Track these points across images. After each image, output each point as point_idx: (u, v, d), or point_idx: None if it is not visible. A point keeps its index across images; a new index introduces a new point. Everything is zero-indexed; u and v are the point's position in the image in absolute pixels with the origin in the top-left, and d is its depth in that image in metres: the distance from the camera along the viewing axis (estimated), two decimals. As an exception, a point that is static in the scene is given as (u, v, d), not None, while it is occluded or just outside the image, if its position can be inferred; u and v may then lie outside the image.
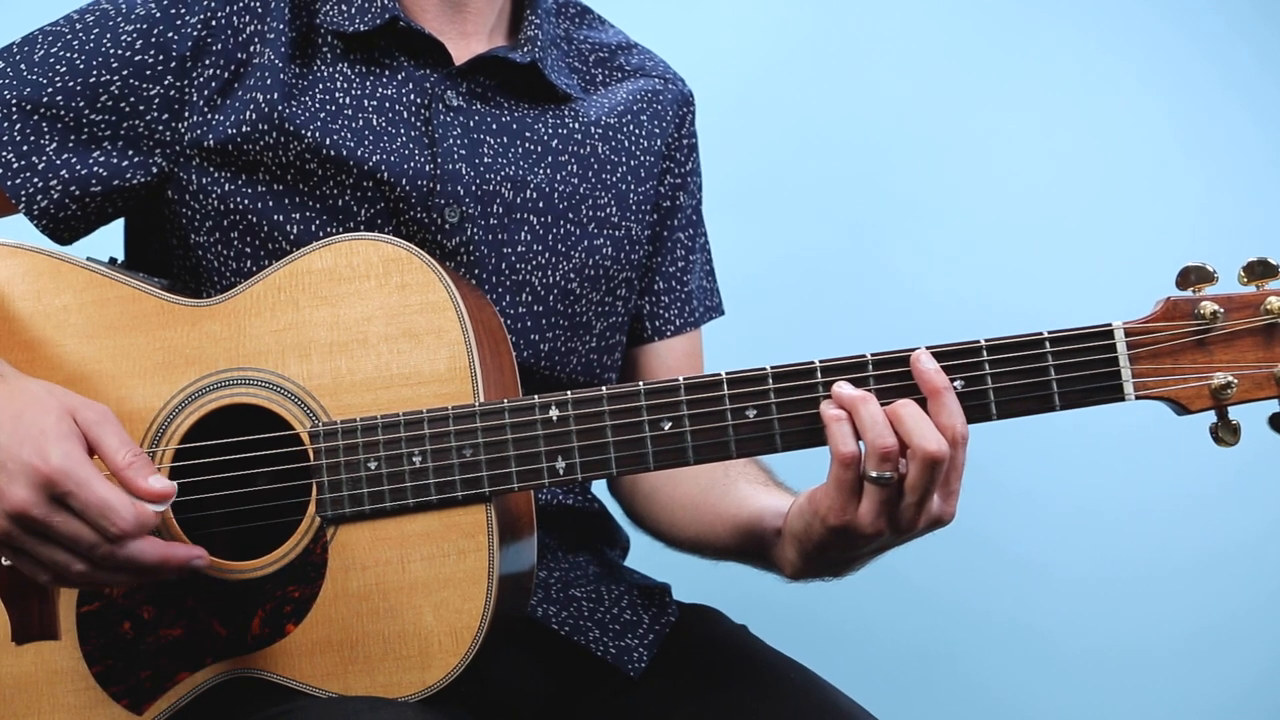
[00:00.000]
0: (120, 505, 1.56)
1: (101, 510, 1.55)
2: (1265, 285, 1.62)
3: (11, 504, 1.55)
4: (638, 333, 2.12)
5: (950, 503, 1.65)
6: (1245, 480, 2.97)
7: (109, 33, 1.86)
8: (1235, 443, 1.64)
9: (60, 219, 1.85)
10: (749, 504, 1.90)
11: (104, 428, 1.60)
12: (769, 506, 1.86)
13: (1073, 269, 3.02)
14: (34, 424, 1.57)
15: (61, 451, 1.56)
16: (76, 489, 1.55)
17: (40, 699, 1.73)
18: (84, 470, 1.56)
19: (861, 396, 1.62)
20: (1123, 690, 3.04)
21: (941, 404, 1.61)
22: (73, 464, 1.56)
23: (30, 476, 1.55)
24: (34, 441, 1.56)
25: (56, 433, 1.57)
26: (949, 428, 1.60)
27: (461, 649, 1.65)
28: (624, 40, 2.16)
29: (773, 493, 1.91)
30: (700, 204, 2.18)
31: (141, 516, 1.57)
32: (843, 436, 1.62)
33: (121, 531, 1.56)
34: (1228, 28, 3.13)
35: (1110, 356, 1.63)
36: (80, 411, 1.60)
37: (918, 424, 1.60)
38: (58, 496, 1.55)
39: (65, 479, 1.55)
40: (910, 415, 1.61)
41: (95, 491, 1.55)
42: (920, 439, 1.59)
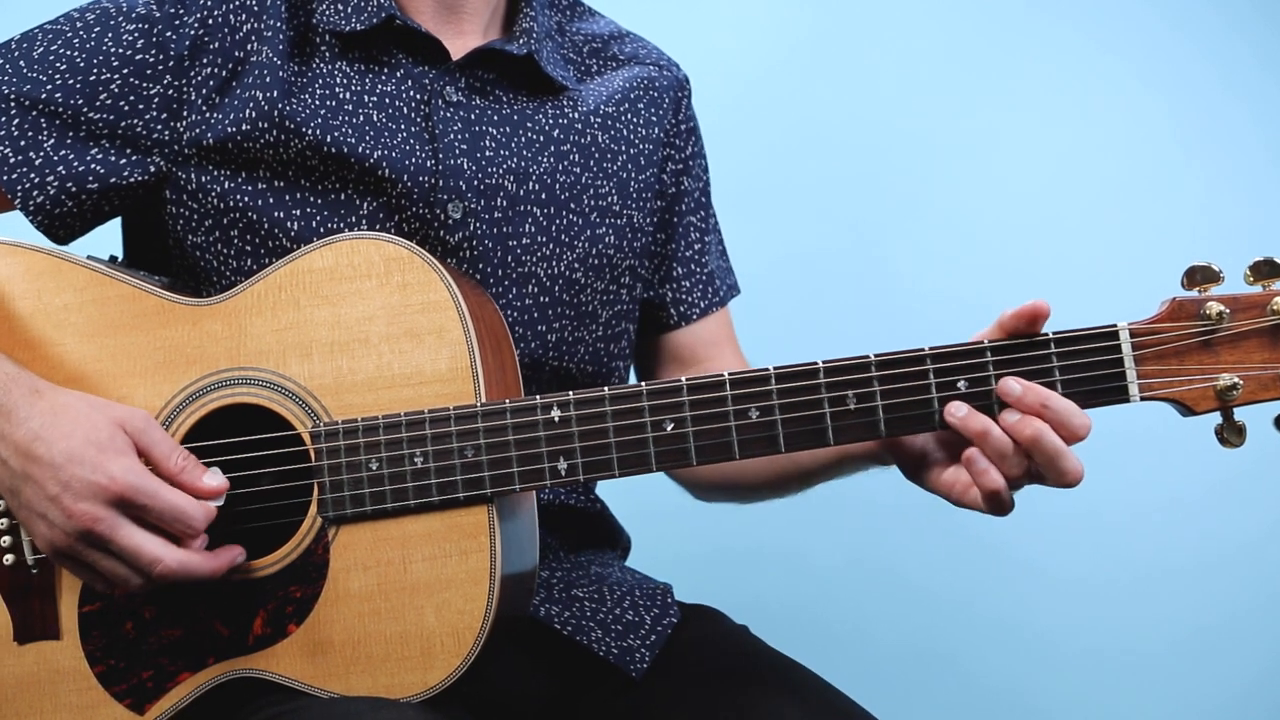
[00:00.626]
0: (191, 507, 1.64)
1: (175, 515, 1.63)
2: (1272, 285, 1.61)
3: (80, 521, 1.61)
4: (663, 321, 2.13)
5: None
6: (1246, 481, 2.96)
7: (110, 31, 1.86)
8: (1241, 444, 1.64)
9: (56, 216, 1.85)
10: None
11: (150, 435, 1.66)
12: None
13: (1077, 269, 3.02)
14: (87, 440, 1.63)
15: (124, 466, 1.62)
16: (150, 501, 1.62)
17: (42, 698, 1.72)
18: (151, 482, 1.63)
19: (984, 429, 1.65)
20: (1123, 690, 3.04)
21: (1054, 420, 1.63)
22: (139, 478, 1.62)
23: (99, 494, 1.61)
24: (93, 459, 1.61)
25: (114, 447, 1.63)
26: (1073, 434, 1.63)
27: (463, 650, 1.65)
28: (616, 30, 2.16)
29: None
30: (708, 185, 2.19)
31: (209, 514, 1.65)
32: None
33: (195, 532, 1.64)
34: (1228, 28, 3.13)
35: (1115, 358, 1.63)
36: (127, 422, 1.65)
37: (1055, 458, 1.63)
38: (130, 510, 1.62)
39: (136, 493, 1.61)
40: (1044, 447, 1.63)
41: (167, 500, 1.63)
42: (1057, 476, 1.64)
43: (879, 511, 2.94)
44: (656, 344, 2.14)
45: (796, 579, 3.04)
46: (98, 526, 1.60)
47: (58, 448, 1.62)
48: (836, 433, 1.66)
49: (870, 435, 1.66)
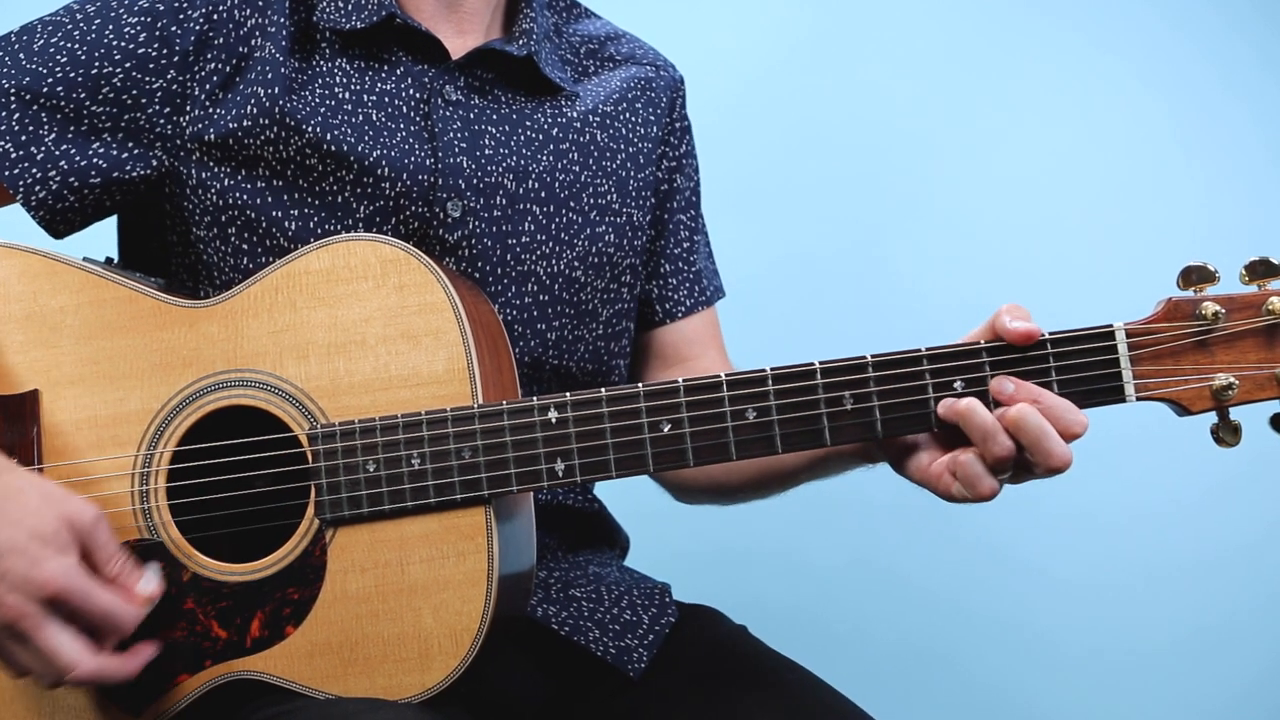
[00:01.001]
0: (123, 612, 1.64)
1: (105, 618, 1.62)
2: (1267, 285, 1.61)
3: (6, 613, 1.59)
4: (648, 317, 2.13)
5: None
6: (1245, 481, 2.97)
7: (111, 24, 1.85)
8: (1236, 443, 1.64)
9: (57, 210, 1.85)
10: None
11: (96, 536, 1.64)
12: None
13: (1074, 269, 3.02)
14: (32, 533, 1.61)
15: (62, 567, 1.61)
16: (81, 602, 1.61)
17: (40, 701, 1.72)
18: (85, 583, 1.62)
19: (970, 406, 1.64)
20: (1123, 690, 3.04)
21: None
22: (73, 578, 1.61)
23: (29, 589, 1.59)
24: (34, 554, 1.60)
25: (55, 544, 1.61)
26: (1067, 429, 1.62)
27: (461, 651, 1.65)
28: (612, 30, 2.17)
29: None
30: (698, 186, 2.19)
31: (138, 618, 1.65)
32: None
33: (123, 634, 1.64)
34: (1228, 28, 3.13)
35: (1111, 358, 1.62)
36: (75, 518, 1.63)
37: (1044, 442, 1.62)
38: (61, 609, 1.61)
39: (70, 595, 1.60)
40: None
41: (99, 603, 1.62)
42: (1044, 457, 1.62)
43: (878, 511, 2.95)
44: (641, 339, 2.14)
45: (795, 579, 3.04)
46: (22, 622, 1.59)
47: (1, 535, 1.60)
48: (833, 433, 1.66)
49: (867, 436, 1.66)
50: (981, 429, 1.62)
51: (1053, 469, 1.62)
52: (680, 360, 2.14)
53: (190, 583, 1.70)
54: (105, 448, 1.73)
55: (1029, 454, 1.62)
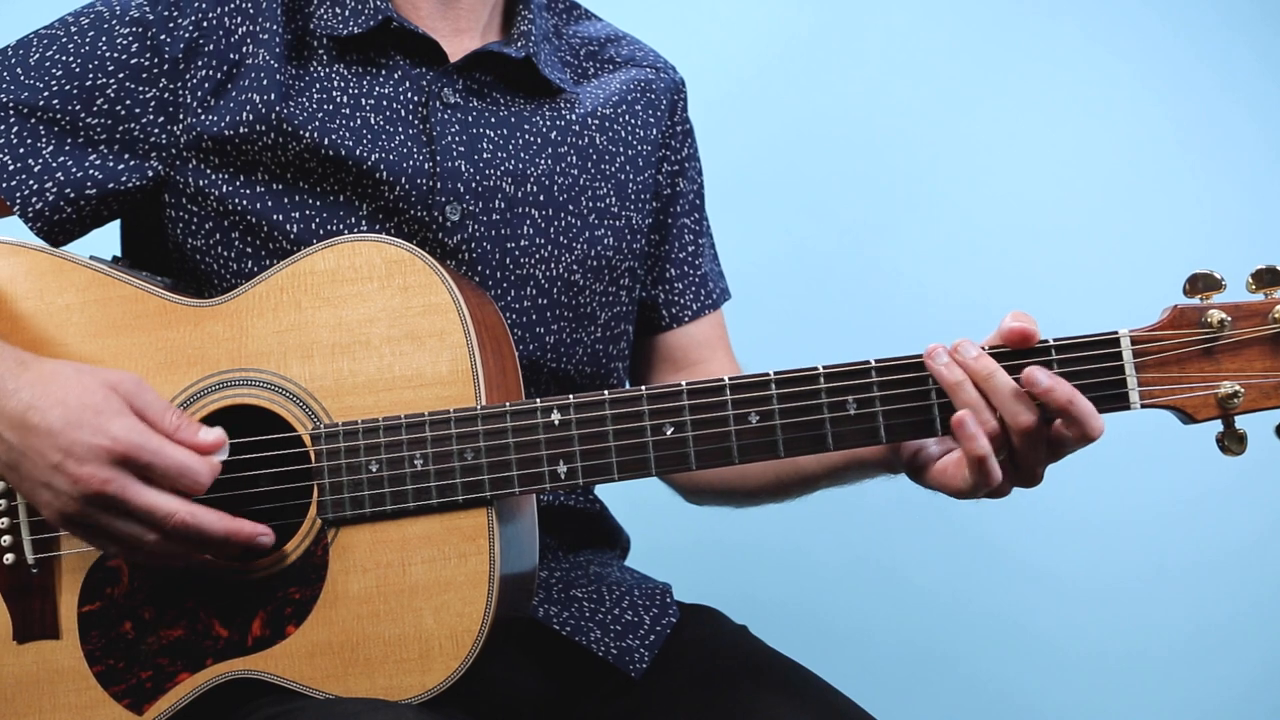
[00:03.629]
0: (196, 463, 1.63)
1: (181, 470, 1.62)
2: (1273, 293, 1.61)
3: (89, 485, 1.59)
4: (655, 322, 2.13)
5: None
6: (1245, 483, 2.96)
7: (104, 35, 1.85)
8: (1242, 452, 1.63)
9: (55, 221, 1.85)
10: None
11: (144, 396, 1.65)
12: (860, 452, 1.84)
13: (1077, 274, 3.02)
14: (83, 404, 1.61)
15: (125, 425, 1.61)
16: (154, 458, 1.60)
17: (41, 698, 1.73)
18: (153, 439, 1.62)
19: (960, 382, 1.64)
20: (1123, 691, 3.04)
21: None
22: (141, 436, 1.61)
23: (103, 456, 1.59)
24: (92, 422, 1.60)
25: (110, 408, 1.61)
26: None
27: (462, 652, 1.65)
28: (612, 32, 2.16)
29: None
30: (701, 188, 2.19)
31: (214, 469, 1.64)
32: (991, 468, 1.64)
33: (201, 486, 1.63)
34: (1228, 28, 3.12)
35: (1116, 365, 1.62)
36: (119, 384, 1.64)
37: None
38: (136, 468, 1.60)
39: (140, 451, 1.60)
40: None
41: (172, 456, 1.62)
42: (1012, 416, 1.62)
43: (879, 511, 2.94)
44: (648, 345, 2.14)
45: (796, 579, 3.04)
46: (108, 488, 1.59)
47: (53, 414, 1.60)
48: (836, 438, 1.66)
49: (870, 441, 1.66)
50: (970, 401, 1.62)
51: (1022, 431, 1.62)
52: (689, 364, 2.14)
53: (192, 580, 1.70)
54: (108, 446, 1.73)
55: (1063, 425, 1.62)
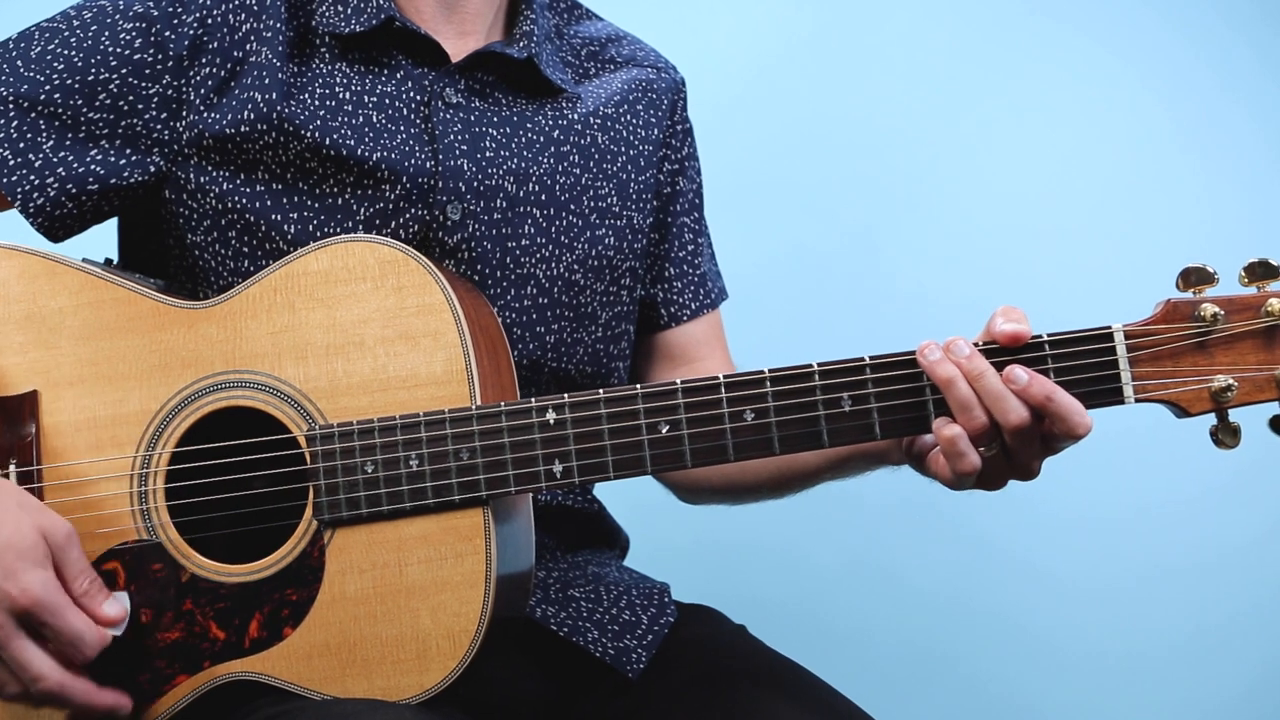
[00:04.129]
0: (88, 635, 1.64)
1: (72, 639, 1.62)
2: (1266, 287, 1.61)
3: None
4: (653, 320, 2.13)
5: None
6: (1245, 481, 2.96)
7: (107, 30, 1.85)
8: (1236, 445, 1.63)
9: (56, 217, 1.85)
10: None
11: (69, 551, 1.65)
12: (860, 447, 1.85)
13: (1072, 270, 3.01)
14: (9, 543, 1.61)
15: (37, 579, 1.61)
16: (51, 619, 1.61)
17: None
18: (59, 599, 1.62)
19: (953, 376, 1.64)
20: (1123, 691, 3.04)
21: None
22: (48, 593, 1.62)
23: (4, 601, 1.60)
24: (10, 564, 1.60)
25: (32, 557, 1.62)
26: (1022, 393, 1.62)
27: (459, 652, 1.65)
28: (614, 32, 2.16)
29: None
30: (700, 188, 2.19)
31: (103, 643, 1.65)
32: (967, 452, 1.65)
33: (86, 659, 1.63)
34: (1228, 28, 3.12)
35: (1110, 359, 1.62)
36: (50, 533, 1.64)
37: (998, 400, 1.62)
38: (30, 623, 1.61)
39: (42, 610, 1.61)
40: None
41: (68, 622, 1.62)
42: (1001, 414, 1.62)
43: (879, 511, 2.94)
44: (646, 343, 2.14)
45: (796, 579, 3.04)
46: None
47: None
48: (831, 435, 1.66)
49: (865, 437, 1.66)
50: (960, 401, 1.62)
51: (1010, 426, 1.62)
52: (686, 363, 2.14)
53: (189, 584, 1.70)
54: (104, 449, 1.73)
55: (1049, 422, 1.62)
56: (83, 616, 1.63)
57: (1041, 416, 1.62)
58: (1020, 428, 1.62)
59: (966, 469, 1.64)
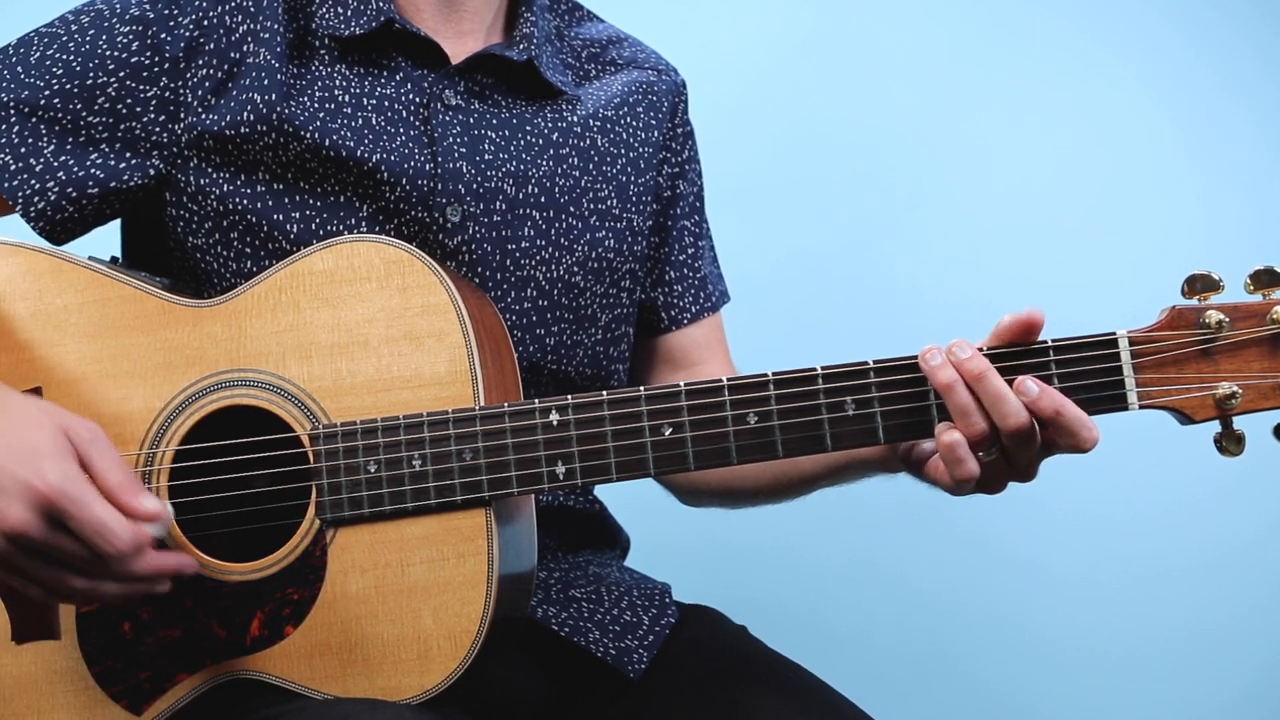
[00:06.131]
0: (117, 525, 1.55)
1: (97, 529, 1.54)
2: (1272, 294, 1.61)
3: (10, 525, 1.54)
4: (653, 323, 2.12)
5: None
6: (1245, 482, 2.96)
7: (104, 34, 1.85)
8: (1240, 452, 1.63)
9: (57, 220, 1.85)
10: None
11: (96, 446, 1.59)
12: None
13: (1076, 275, 3.01)
14: (29, 441, 1.56)
15: (59, 470, 1.55)
16: (73, 509, 1.54)
17: (40, 698, 1.73)
18: (81, 489, 1.55)
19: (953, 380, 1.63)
20: (1123, 691, 3.04)
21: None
22: (70, 483, 1.55)
23: (28, 496, 1.54)
24: (30, 460, 1.55)
25: (52, 450, 1.56)
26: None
27: (460, 653, 1.65)
28: (615, 34, 2.16)
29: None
30: (701, 191, 2.19)
31: (139, 537, 1.56)
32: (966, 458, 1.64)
33: (117, 551, 1.55)
34: (1228, 28, 3.12)
35: (1114, 366, 1.62)
36: (73, 430, 1.59)
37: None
38: (55, 516, 1.55)
39: (62, 498, 1.53)
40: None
41: (93, 511, 1.54)
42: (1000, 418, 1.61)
43: (879, 511, 2.94)
44: (646, 346, 2.14)
45: (796, 579, 3.04)
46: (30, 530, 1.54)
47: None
48: (835, 439, 1.66)
49: (869, 441, 1.66)
50: (960, 406, 1.62)
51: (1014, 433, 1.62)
52: (686, 366, 2.14)
53: (191, 582, 1.70)
54: (107, 446, 1.73)
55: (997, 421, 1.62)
56: (109, 507, 1.55)
57: (1045, 424, 1.62)
58: (1019, 431, 1.61)
59: (965, 475, 1.64)
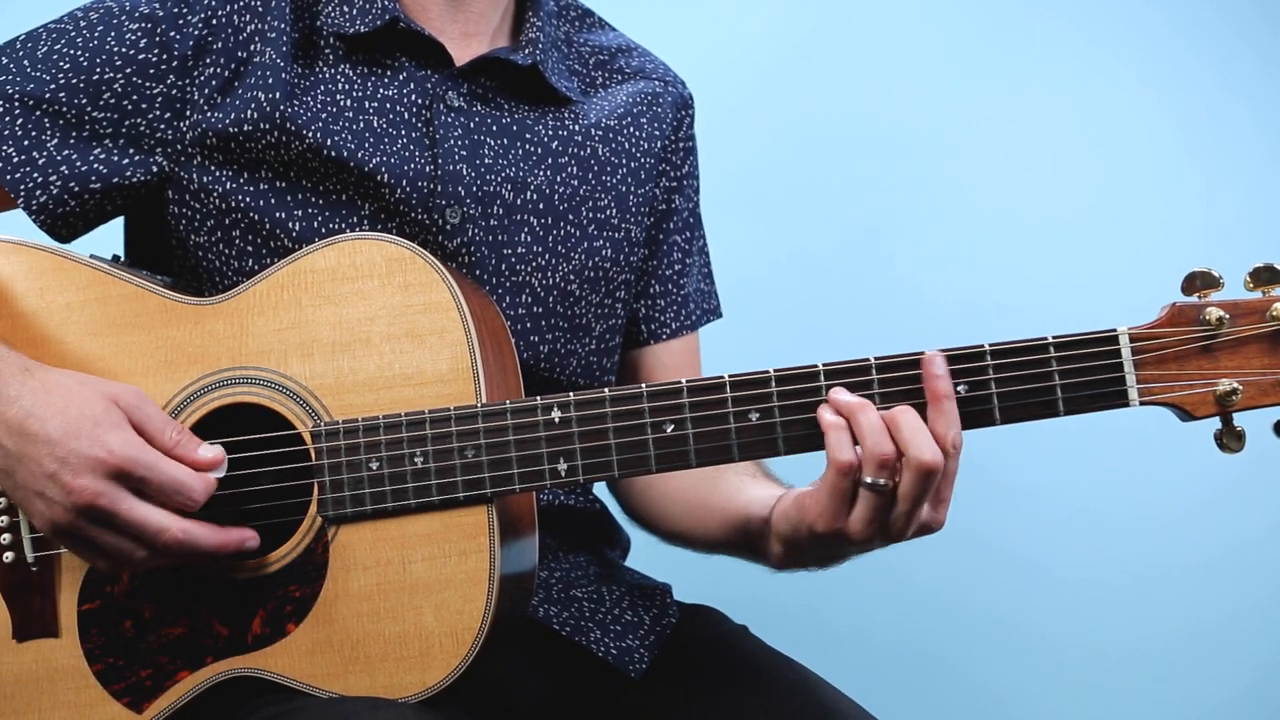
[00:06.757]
0: (192, 479, 1.63)
1: (176, 487, 1.62)
2: (1271, 291, 1.61)
3: (81, 496, 1.59)
4: (634, 335, 2.11)
5: (941, 510, 1.66)
6: (1245, 481, 2.97)
7: (113, 30, 1.85)
8: (1240, 449, 1.64)
9: (59, 215, 1.85)
10: (737, 497, 1.92)
11: (144, 409, 1.65)
12: (756, 499, 1.87)
13: (1076, 272, 3.02)
14: (82, 415, 1.61)
15: (121, 439, 1.61)
16: (148, 472, 1.61)
17: (41, 696, 1.73)
18: (149, 454, 1.62)
19: (860, 404, 1.62)
20: (1122, 691, 3.05)
21: (941, 411, 1.61)
22: (137, 450, 1.61)
23: (97, 467, 1.59)
24: (89, 433, 1.60)
25: (109, 421, 1.62)
26: (943, 436, 1.61)
27: (462, 650, 1.65)
28: (624, 43, 2.15)
29: (760, 484, 1.93)
30: (697, 206, 2.17)
31: (209, 485, 1.65)
32: (841, 444, 1.62)
33: (195, 503, 1.63)
34: (1228, 28, 3.13)
35: (1115, 362, 1.63)
36: (120, 397, 1.64)
37: (914, 432, 1.60)
38: (130, 482, 1.60)
39: (135, 465, 1.60)
40: (907, 423, 1.61)
41: (167, 471, 1.62)
42: (916, 448, 1.59)
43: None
44: (624, 357, 2.12)
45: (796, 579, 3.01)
46: (100, 500, 1.59)
47: (52, 424, 1.61)
48: (836, 436, 1.66)
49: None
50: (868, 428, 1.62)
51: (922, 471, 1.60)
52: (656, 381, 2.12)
53: (192, 579, 1.70)
54: (109, 444, 1.73)
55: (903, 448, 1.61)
56: (179, 465, 1.63)
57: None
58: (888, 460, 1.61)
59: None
